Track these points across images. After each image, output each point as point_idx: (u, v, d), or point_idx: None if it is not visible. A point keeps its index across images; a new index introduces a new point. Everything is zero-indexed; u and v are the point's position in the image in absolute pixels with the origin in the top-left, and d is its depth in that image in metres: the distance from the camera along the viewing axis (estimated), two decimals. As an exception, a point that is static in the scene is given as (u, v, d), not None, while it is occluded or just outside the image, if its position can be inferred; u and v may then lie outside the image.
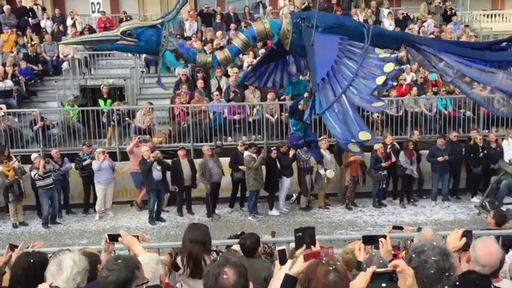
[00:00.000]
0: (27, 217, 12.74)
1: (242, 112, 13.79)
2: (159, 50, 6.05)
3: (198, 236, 4.63)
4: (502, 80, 6.43)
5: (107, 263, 3.14)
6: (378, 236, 3.23)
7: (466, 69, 6.58)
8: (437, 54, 6.76)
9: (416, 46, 7.16)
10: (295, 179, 12.78)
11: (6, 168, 11.94)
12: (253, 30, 6.57)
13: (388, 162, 12.55)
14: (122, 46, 6.19)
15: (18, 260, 4.05)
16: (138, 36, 5.96)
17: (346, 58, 6.24)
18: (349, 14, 18.62)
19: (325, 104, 5.91)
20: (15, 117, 13.96)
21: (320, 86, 6.01)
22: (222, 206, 12.90)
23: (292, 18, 6.47)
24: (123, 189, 13.38)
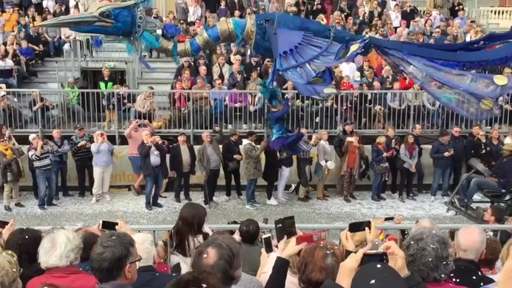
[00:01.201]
0: (23, 198, 12.68)
1: (243, 100, 13.67)
2: (134, 31, 6.00)
3: (188, 216, 4.73)
4: (470, 83, 6.38)
5: (100, 239, 3.12)
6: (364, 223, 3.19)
7: (434, 73, 6.56)
8: (405, 58, 6.74)
9: (385, 50, 7.17)
10: (294, 169, 12.70)
11: (3, 147, 11.84)
12: (217, 31, 6.65)
13: (390, 152, 12.45)
14: (98, 28, 6.17)
15: (12, 236, 4.04)
16: (116, 17, 5.97)
17: (310, 46, 6.46)
18: (355, 5, 18.47)
19: (285, 65, 6.12)
20: (14, 97, 13.85)
21: (282, 55, 6.19)
22: (220, 193, 12.84)
23: (257, 20, 6.53)
24: (121, 173, 13.30)
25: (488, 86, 6.32)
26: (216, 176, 12.44)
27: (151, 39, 6.16)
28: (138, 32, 6.03)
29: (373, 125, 13.80)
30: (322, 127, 13.38)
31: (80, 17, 6.96)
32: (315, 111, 13.61)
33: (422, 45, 9.89)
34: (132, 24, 5.99)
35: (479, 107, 6.52)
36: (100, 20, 5.92)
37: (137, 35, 6.07)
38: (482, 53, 7.08)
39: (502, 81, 6.31)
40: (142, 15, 6.00)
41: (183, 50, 6.56)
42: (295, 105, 13.60)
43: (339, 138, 12.84)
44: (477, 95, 6.41)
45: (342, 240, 3.21)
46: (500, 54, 6.84)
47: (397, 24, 17.68)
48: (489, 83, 6.31)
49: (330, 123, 13.58)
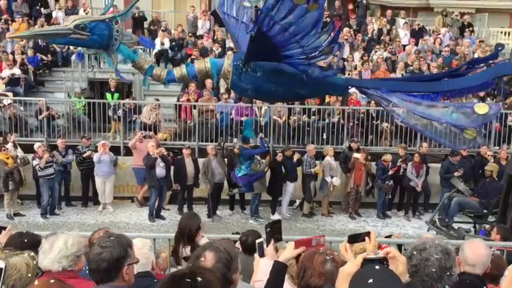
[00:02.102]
0: (26, 207, 12.61)
1: (250, 114, 13.61)
2: (110, 44, 6.01)
3: (181, 225, 4.85)
4: (452, 114, 6.34)
5: (99, 240, 3.08)
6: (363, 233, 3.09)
7: (414, 108, 6.48)
8: (384, 95, 6.66)
9: (364, 91, 7.17)
10: (299, 185, 12.58)
11: (4, 156, 11.79)
12: (195, 69, 6.64)
13: (393, 169, 12.31)
14: (73, 40, 6.18)
15: (10, 240, 3.98)
16: (92, 30, 5.93)
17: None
18: (364, 22, 18.49)
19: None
20: (21, 106, 13.86)
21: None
22: (224, 207, 12.72)
23: (233, 61, 6.49)
24: (125, 184, 13.23)
25: (470, 115, 6.29)
26: (220, 189, 12.34)
27: (128, 52, 6.26)
28: (114, 45, 6.04)
29: (379, 142, 13.68)
30: (328, 143, 13.28)
31: (54, 30, 7.07)
32: (321, 126, 13.52)
33: (401, 79, 9.85)
34: (110, 37, 6.01)
35: (464, 137, 6.47)
36: (75, 32, 5.91)
37: (114, 48, 6.07)
38: (462, 80, 6.95)
39: (483, 110, 6.29)
40: (119, 29, 6.03)
41: (157, 75, 6.62)
42: (301, 120, 13.52)
43: (345, 154, 12.72)
44: (460, 126, 6.37)
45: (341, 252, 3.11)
46: (480, 80, 6.77)
47: (405, 42, 17.65)
48: (470, 113, 6.28)
49: (337, 139, 13.48)
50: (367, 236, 3.05)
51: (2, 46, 15.90)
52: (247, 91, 6.74)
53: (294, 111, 13.78)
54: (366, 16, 19.17)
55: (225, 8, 7.40)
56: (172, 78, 6.66)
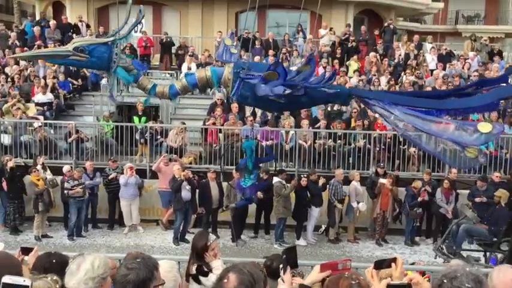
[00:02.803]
0: (53, 228, 12.77)
1: (275, 138, 13.62)
2: (110, 67, 6.21)
3: (192, 244, 5.08)
4: (454, 131, 6.15)
5: (125, 261, 3.06)
6: (389, 260, 3.01)
7: (416, 122, 6.34)
8: (386, 107, 6.58)
9: (366, 101, 7.06)
10: (324, 210, 12.45)
11: (35, 178, 12.03)
12: (195, 78, 6.74)
13: (422, 195, 12.09)
14: (73, 61, 6.43)
15: (38, 260, 3.99)
16: (90, 52, 6.15)
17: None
18: (390, 47, 18.45)
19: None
20: (51, 129, 14.17)
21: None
22: (249, 231, 12.65)
23: (234, 69, 6.56)
24: (150, 207, 13.29)
25: (472, 134, 6.06)
26: (244, 213, 12.28)
27: (124, 75, 6.38)
28: (112, 67, 6.23)
29: (407, 167, 13.48)
30: (354, 168, 13.15)
31: (55, 51, 7.44)
32: (347, 151, 13.42)
33: (406, 93, 9.73)
34: (109, 60, 6.20)
35: (464, 155, 6.25)
36: (74, 54, 6.16)
37: (112, 71, 6.26)
38: (467, 100, 6.81)
39: (486, 129, 6.07)
40: (117, 52, 6.22)
41: (161, 92, 6.69)
42: (327, 144, 13.45)
43: (372, 179, 12.57)
44: (461, 143, 6.13)
45: (367, 278, 3.04)
46: (486, 101, 6.61)
47: (433, 66, 17.51)
48: (473, 131, 6.06)
49: (363, 164, 13.35)
50: (393, 262, 2.99)
51: (35, 71, 16.35)
52: (247, 99, 6.75)
53: (319, 136, 13.74)
54: (392, 41, 19.13)
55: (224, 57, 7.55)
56: (175, 91, 6.73)
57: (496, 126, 6.37)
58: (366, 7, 22.56)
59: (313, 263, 5.88)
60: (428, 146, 6.68)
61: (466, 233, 10.88)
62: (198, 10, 21.34)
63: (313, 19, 21.93)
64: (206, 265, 4.83)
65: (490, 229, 10.59)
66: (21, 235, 12.27)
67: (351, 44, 18.13)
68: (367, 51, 18.28)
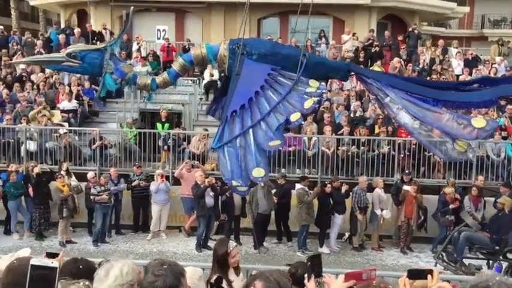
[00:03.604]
0: (77, 234, 12.89)
1: (298, 144, 13.54)
2: (102, 73, 6.30)
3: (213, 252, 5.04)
4: (447, 122, 6.01)
5: (152, 268, 3.03)
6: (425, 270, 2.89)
7: (410, 107, 6.22)
8: (383, 88, 6.46)
9: (363, 79, 6.94)
10: (348, 217, 12.31)
11: (60, 184, 12.17)
12: (191, 55, 6.67)
13: (455, 203, 11.85)
14: (67, 67, 6.58)
15: (65, 266, 3.97)
16: (82, 58, 6.26)
17: (272, 90, 6.15)
18: (415, 52, 18.23)
19: (227, 138, 5.85)
20: (75, 136, 14.34)
21: (229, 118, 5.94)
22: (272, 238, 12.57)
23: (230, 45, 6.42)
24: (173, 213, 13.31)
25: (466, 127, 5.95)
26: (266, 220, 12.20)
27: (110, 82, 6.42)
28: (102, 73, 6.34)
29: (432, 174, 13.25)
30: (378, 175, 12.99)
31: (50, 57, 7.78)
32: (371, 158, 13.26)
33: (406, 78, 9.52)
34: (101, 66, 6.31)
35: (454, 147, 6.13)
36: (67, 60, 6.30)
37: (101, 77, 6.39)
38: (466, 94, 6.71)
39: (480, 124, 5.92)
40: (107, 58, 6.29)
41: (162, 81, 6.65)
42: (350, 151, 13.32)
43: (397, 186, 12.40)
44: (452, 134, 6.01)
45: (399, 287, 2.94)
46: (484, 97, 6.49)
47: (459, 71, 17.24)
48: (466, 125, 5.95)
49: (387, 171, 13.17)
50: (429, 273, 2.89)
51: (60, 78, 16.59)
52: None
53: (342, 142, 13.61)
54: (417, 46, 18.90)
55: None
56: (174, 74, 6.65)
57: (489, 122, 6.24)
58: (389, 12, 22.37)
59: (336, 271, 5.80)
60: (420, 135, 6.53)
61: (467, 241, 10.66)
62: (220, 17, 21.44)
63: (336, 25, 21.89)
64: (226, 277, 4.77)
65: (491, 237, 10.37)
66: (46, 240, 12.42)
67: (374, 49, 17.96)
68: (390, 57, 18.09)
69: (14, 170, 12.41)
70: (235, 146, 5.76)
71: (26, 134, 13.87)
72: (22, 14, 35.25)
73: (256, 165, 5.61)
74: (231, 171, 5.64)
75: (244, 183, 5.66)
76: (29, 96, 15.71)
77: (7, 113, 14.67)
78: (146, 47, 19.30)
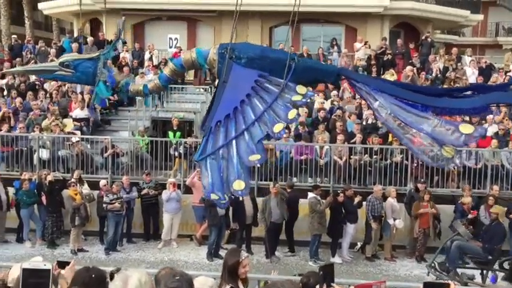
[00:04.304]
0: (89, 242, 12.88)
1: (310, 153, 13.46)
2: (96, 81, 6.35)
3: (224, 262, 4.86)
4: (434, 127, 5.93)
5: (163, 279, 3.09)
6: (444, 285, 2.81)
7: (399, 112, 6.16)
8: (372, 93, 6.40)
9: (353, 83, 6.90)
10: (360, 227, 12.18)
11: (73, 192, 12.19)
12: (181, 60, 6.72)
13: (473, 212, 11.68)
14: (60, 76, 6.64)
15: (77, 275, 3.95)
16: (75, 67, 6.33)
17: (258, 97, 6.10)
18: (427, 61, 18.10)
19: (210, 149, 5.80)
20: (88, 144, 14.38)
21: (213, 128, 5.90)
22: (284, 248, 12.47)
23: (219, 49, 6.42)
24: (185, 222, 13.26)
25: (453, 133, 5.89)
26: (278, 229, 12.12)
27: (103, 89, 6.48)
28: (95, 82, 6.41)
29: (446, 183, 13.08)
30: (391, 184, 12.85)
31: (42, 66, 8.06)
32: (383, 166, 13.13)
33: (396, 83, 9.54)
34: (94, 75, 6.38)
35: (441, 154, 6.05)
36: (61, 69, 6.39)
37: (95, 85, 6.48)
38: (456, 101, 6.61)
39: (468, 130, 5.87)
40: (100, 67, 6.37)
41: (153, 86, 6.71)
42: (362, 160, 13.20)
43: (410, 195, 12.25)
44: (440, 140, 5.94)
45: None
46: (475, 104, 6.38)
47: (473, 80, 17.06)
48: (454, 130, 5.88)
49: (400, 180, 13.02)
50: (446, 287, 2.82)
51: (72, 87, 16.69)
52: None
53: (355, 151, 13.50)
54: (430, 54, 18.76)
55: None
56: (165, 78, 6.69)
57: (478, 128, 6.22)
58: (402, 20, 22.27)
59: (349, 282, 5.72)
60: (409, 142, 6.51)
61: (459, 250, 10.56)
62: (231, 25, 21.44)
63: (348, 33, 21.83)
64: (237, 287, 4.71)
65: (484, 247, 10.28)
66: (58, 249, 12.42)
67: (386, 57, 17.86)
68: (403, 65, 17.98)
69: (26, 178, 12.46)
70: (218, 157, 5.73)
71: (38, 142, 13.94)
72: (36, 23, 35.64)
73: (238, 177, 5.57)
74: (212, 184, 5.61)
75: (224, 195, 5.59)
76: (42, 104, 15.81)
77: (20, 121, 14.77)
78: (158, 55, 19.36)
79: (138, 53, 19.34)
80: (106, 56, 6.50)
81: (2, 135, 14.20)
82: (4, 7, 31.70)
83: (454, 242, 10.63)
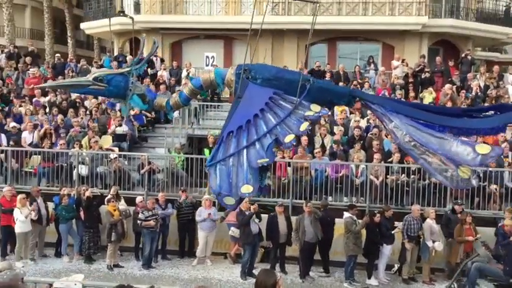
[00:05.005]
0: (124, 258, 13.00)
1: (345, 172, 13.29)
2: (127, 95, 6.64)
3: (257, 283, 4.61)
4: (451, 148, 5.92)
5: None
6: None
7: (414, 133, 6.17)
8: (387, 114, 6.44)
9: (368, 104, 6.93)
10: (397, 248, 11.89)
11: (112, 208, 12.36)
12: (200, 80, 7.02)
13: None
14: (93, 90, 6.95)
15: None
16: (108, 81, 6.61)
17: (271, 113, 6.26)
18: (467, 78, 17.72)
19: (220, 156, 5.98)
20: (125, 160, 14.61)
21: (225, 138, 6.10)
22: (318, 268, 12.29)
23: (236, 70, 6.68)
24: (219, 240, 13.25)
25: (469, 153, 5.84)
26: (312, 249, 11.95)
27: (138, 102, 6.86)
28: (128, 95, 6.69)
29: (487, 205, 12.67)
30: (429, 205, 12.53)
31: (75, 81, 8.33)
32: (421, 187, 12.83)
33: (412, 104, 9.43)
34: (125, 88, 6.68)
35: (457, 174, 6.02)
36: (94, 83, 6.66)
37: (127, 98, 6.73)
38: (473, 121, 6.58)
39: (484, 150, 5.81)
40: (133, 81, 6.69)
41: (174, 103, 7.03)
42: (399, 180, 12.95)
43: (447, 216, 11.92)
44: (456, 160, 5.91)
45: None
46: (492, 124, 6.31)
47: (515, 99, 16.59)
48: (470, 151, 5.83)
49: (439, 201, 12.69)
50: None
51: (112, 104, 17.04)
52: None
53: (392, 170, 13.26)
54: (470, 71, 18.36)
55: None
56: (185, 97, 7.00)
57: (495, 148, 6.07)
58: (441, 37, 21.95)
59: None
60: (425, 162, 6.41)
61: (479, 272, 10.18)
62: (268, 43, 21.58)
63: (385, 50, 21.64)
64: None
65: (505, 269, 9.86)
66: (95, 264, 12.57)
67: (425, 75, 17.56)
68: (442, 83, 17.63)
69: (66, 194, 12.72)
70: (228, 164, 5.92)
71: (78, 158, 14.26)
72: (78, 42, 36.82)
73: (246, 182, 5.74)
74: (219, 186, 5.81)
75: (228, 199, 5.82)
76: (82, 121, 16.19)
77: (61, 137, 15.14)
78: (195, 73, 19.59)
79: (175, 71, 19.64)
80: (138, 71, 6.82)
81: (43, 151, 14.61)
82: (48, 27, 32.88)
83: (473, 264, 10.35)
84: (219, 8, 22.52)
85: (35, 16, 36.54)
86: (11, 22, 30.82)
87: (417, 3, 20.88)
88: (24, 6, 36.39)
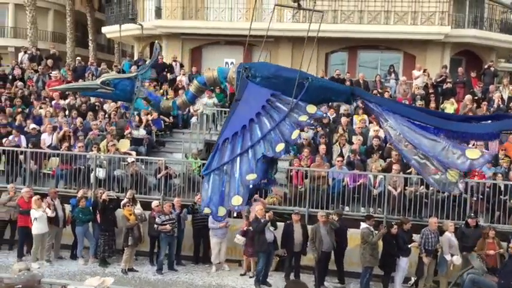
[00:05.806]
0: (139, 262, 12.99)
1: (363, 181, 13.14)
2: (132, 98, 6.96)
3: None
4: (441, 150, 6.02)
5: None
6: None
7: (408, 134, 6.27)
8: (383, 113, 6.56)
9: (365, 103, 7.10)
10: (414, 260, 11.69)
11: (128, 212, 12.37)
12: (204, 78, 7.30)
13: None
14: (101, 93, 7.31)
15: None
16: (115, 85, 6.93)
17: (267, 116, 6.38)
18: (488, 90, 17.46)
19: (215, 165, 6.10)
20: (142, 164, 14.64)
21: (220, 146, 6.23)
22: (333, 278, 12.14)
23: (238, 68, 6.90)
24: (233, 247, 13.17)
25: (459, 157, 5.97)
26: (327, 259, 11.81)
27: (142, 106, 7.22)
28: (133, 99, 6.99)
29: (508, 220, 12.40)
30: (448, 217, 12.31)
31: (85, 85, 8.80)
32: (440, 199, 12.62)
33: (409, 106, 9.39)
34: (131, 92, 6.96)
35: (446, 177, 6.18)
36: (101, 87, 6.94)
37: (133, 101, 7.04)
38: (468, 125, 6.70)
39: (474, 155, 5.94)
40: (138, 85, 6.95)
41: (181, 103, 7.36)
42: (418, 191, 12.75)
43: (461, 230, 11.69)
44: (445, 163, 6.07)
45: None
46: (486, 130, 6.42)
47: (538, 111, 16.26)
48: (460, 155, 5.95)
49: (458, 214, 12.46)
50: None
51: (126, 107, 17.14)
52: None
53: (410, 181, 13.07)
54: (493, 83, 18.10)
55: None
56: (191, 95, 7.29)
57: (484, 155, 6.14)
58: (464, 48, 21.69)
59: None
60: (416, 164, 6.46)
61: (473, 284, 10.23)
62: (288, 50, 21.56)
63: (407, 60, 21.45)
64: None
65: (499, 282, 9.83)
66: (110, 267, 12.57)
67: (446, 85, 17.33)
68: (464, 94, 17.39)
69: (83, 196, 12.77)
70: (222, 172, 6.06)
71: (96, 161, 14.33)
72: (99, 46, 37.23)
73: (237, 193, 5.87)
74: (210, 199, 5.96)
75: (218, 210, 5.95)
76: (101, 125, 16.29)
77: (80, 140, 15.26)
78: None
79: (194, 76, 19.67)
80: (143, 76, 7.06)
81: (62, 153, 14.72)
82: (70, 30, 33.35)
83: (468, 276, 10.39)
84: (240, 14, 22.56)
85: (57, 19, 37.05)
86: (33, 25, 31.31)
87: (440, 12, 20.68)
88: (47, 10, 36.92)
